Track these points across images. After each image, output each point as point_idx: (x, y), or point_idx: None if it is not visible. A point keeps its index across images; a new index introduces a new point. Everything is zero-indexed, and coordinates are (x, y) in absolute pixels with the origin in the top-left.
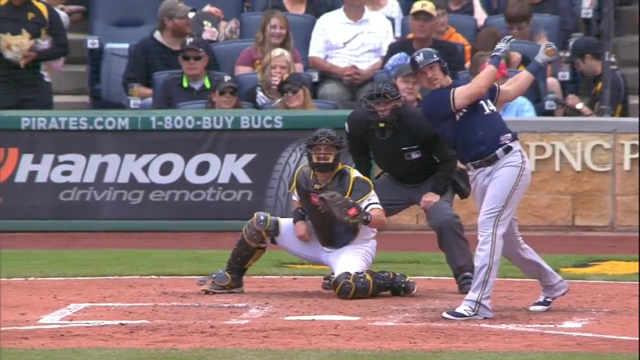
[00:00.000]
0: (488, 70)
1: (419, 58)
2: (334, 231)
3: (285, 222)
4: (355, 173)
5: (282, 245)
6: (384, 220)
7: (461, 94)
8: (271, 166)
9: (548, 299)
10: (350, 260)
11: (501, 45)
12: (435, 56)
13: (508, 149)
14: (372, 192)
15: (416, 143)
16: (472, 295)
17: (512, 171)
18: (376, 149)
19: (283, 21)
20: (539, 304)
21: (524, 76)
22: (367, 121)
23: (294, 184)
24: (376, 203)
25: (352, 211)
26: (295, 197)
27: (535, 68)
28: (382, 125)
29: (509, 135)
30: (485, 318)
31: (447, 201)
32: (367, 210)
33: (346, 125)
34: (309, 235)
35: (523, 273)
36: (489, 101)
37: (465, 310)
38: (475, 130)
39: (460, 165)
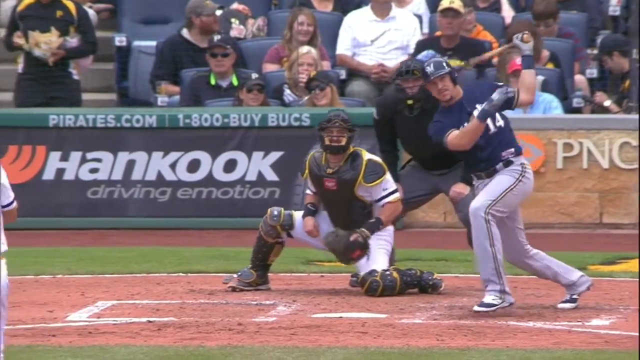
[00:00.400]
0: (473, 127)
1: (430, 69)
2: (349, 218)
3: (300, 215)
4: (367, 155)
5: (299, 238)
6: (397, 213)
7: (453, 141)
8: (299, 163)
9: (574, 296)
10: (375, 257)
11: (495, 96)
12: (446, 67)
13: (508, 163)
14: (387, 174)
15: None
16: (494, 286)
17: (509, 175)
18: (404, 131)
19: (310, 18)
20: (566, 301)
21: (525, 75)
22: (395, 101)
23: (307, 170)
24: (392, 193)
25: (356, 254)
26: (309, 191)
27: (528, 60)
28: (410, 102)
29: (512, 150)
30: (510, 304)
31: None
32: (382, 203)
33: (374, 111)
34: (317, 231)
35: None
36: (497, 116)
37: (493, 299)
38: (479, 151)
39: None
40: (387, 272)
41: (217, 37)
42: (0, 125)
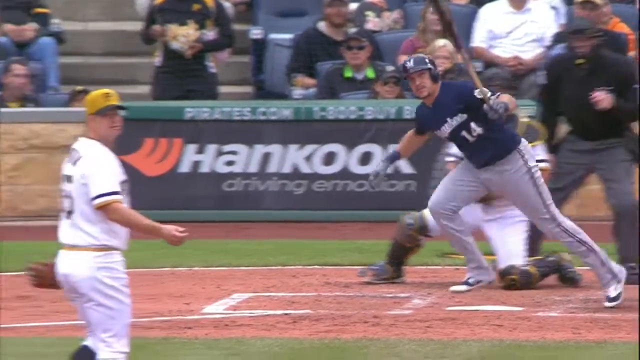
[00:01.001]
0: None
1: (409, 64)
2: None
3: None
4: (527, 118)
5: (440, 234)
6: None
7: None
8: (434, 156)
9: (470, 280)
10: (514, 250)
11: None
12: (427, 63)
13: (504, 157)
14: (541, 143)
15: (612, 84)
16: (608, 276)
17: (521, 179)
18: (569, 91)
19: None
20: (462, 283)
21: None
22: (564, 60)
23: None
24: (542, 161)
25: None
26: (452, 158)
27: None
28: (580, 61)
29: (502, 148)
30: (628, 283)
31: (632, 183)
32: None
33: (543, 76)
34: None
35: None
36: (472, 125)
37: (615, 289)
38: (472, 156)
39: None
40: (525, 268)
41: (352, 30)
42: (137, 118)
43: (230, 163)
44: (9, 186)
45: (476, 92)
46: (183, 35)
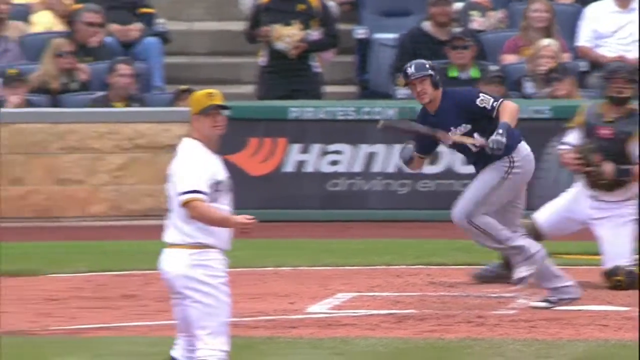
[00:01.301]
0: None
1: (410, 70)
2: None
3: (542, 219)
4: None
5: (552, 236)
6: None
7: None
8: (538, 156)
9: (552, 299)
10: (621, 248)
11: None
12: (428, 69)
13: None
14: None
15: None
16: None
17: (495, 172)
18: None
19: (546, 6)
20: (543, 301)
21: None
22: None
23: (580, 117)
24: None
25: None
26: (564, 147)
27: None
28: None
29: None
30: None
31: None
32: None
33: None
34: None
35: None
36: (476, 136)
37: (526, 269)
38: (476, 165)
39: None
40: (631, 269)
41: (457, 30)
42: (241, 117)
43: (334, 163)
44: (114, 186)
45: (471, 145)
46: (288, 36)
